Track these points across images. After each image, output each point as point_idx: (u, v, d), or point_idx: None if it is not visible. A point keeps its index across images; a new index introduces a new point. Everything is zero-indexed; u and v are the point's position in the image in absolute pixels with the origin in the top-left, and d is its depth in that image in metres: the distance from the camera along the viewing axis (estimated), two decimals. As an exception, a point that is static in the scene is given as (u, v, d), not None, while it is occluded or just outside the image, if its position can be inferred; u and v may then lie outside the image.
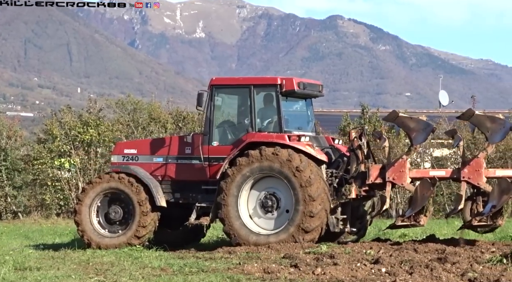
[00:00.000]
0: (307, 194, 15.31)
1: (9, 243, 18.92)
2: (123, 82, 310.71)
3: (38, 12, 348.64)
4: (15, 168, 37.77)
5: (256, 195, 15.95)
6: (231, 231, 15.85)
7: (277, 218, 15.86)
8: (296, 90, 16.15)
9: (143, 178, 16.61)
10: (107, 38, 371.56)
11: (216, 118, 16.40)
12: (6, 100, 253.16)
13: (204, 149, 16.30)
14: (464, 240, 15.36)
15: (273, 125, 16.14)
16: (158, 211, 16.64)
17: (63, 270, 12.61)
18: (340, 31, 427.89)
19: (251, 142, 15.75)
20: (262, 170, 15.62)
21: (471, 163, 15.37)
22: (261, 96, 16.28)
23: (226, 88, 16.72)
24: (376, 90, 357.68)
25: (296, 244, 15.82)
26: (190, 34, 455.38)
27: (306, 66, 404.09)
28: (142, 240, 16.58)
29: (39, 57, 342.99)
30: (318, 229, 15.54)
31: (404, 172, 15.61)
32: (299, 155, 15.48)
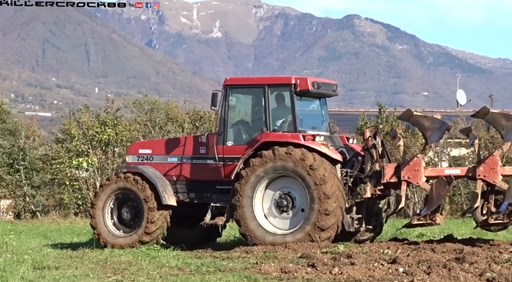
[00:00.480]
0: (322, 192, 15.22)
1: (27, 242, 19.02)
2: (140, 82, 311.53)
3: (56, 12, 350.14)
4: (33, 167, 37.98)
5: (271, 195, 15.91)
6: (247, 232, 15.84)
7: (293, 218, 15.83)
8: (311, 90, 16.12)
9: (149, 176, 16.63)
10: (124, 38, 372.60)
11: (230, 118, 16.39)
12: (24, 100, 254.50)
13: (218, 148, 16.29)
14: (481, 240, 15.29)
15: (288, 125, 16.13)
16: (167, 209, 16.64)
17: (81, 269, 12.66)
18: (357, 30, 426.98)
19: (266, 142, 15.74)
20: (276, 170, 15.60)
21: (486, 161, 15.30)
22: (275, 96, 16.26)
23: (241, 88, 16.70)
24: (393, 89, 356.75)
25: (313, 243, 15.80)
26: (206, 34, 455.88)
27: (323, 65, 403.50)
28: (153, 236, 16.55)
29: (57, 57, 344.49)
30: (334, 227, 15.50)
31: (419, 170, 15.57)
32: (312, 154, 15.45)
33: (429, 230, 19.10)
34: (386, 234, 18.61)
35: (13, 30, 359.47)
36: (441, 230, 19.38)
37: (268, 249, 15.20)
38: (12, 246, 16.86)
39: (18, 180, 37.55)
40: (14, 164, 37.91)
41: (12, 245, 17.05)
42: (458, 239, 15.97)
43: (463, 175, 16.07)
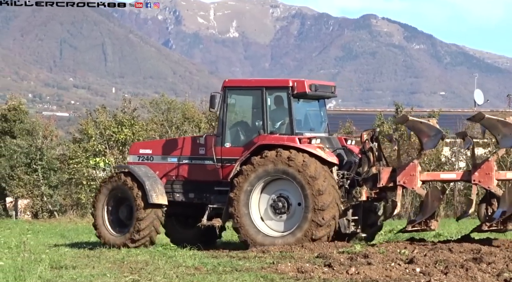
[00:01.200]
0: (315, 188, 15.33)
1: (45, 241, 19.10)
2: (157, 82, 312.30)
3: (73, 13, 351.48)
4: (51, 167, 38.15)
5: (266, 197, 16.00)
6: (242, 232, 15.90)
7: (290, 219, 15.92)
8: (308, 92, 16.19)
9: (138, 176, 16.74)
10: (141, 38, 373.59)
11: (229, 120, 16.50)
12: (42, 100, 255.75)
13: (217, 150, 16.40)
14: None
15: (285, 127, 16.20)
16: (157, 207, 16.67)
17: (98, 269, 12.70)
18: (374, 30, 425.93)
19: (262, 144, 15.83)
20: (274, 173, 15.70)
21: (482, 166, 15.29)
22: (273, 99, 16.31)
23: (239, 90, 16.81)
24: (410, 89, 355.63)
25: (330, 243, 15.80)
26: (223, 34, 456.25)
27: (340, 65, 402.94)
28: (143, 234, 16.61)
29: (74, 58, 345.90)
30: (332, 222, 15.53)
31: (414, 175, 15.59)
32: (314, 161, 15.46)
33: (447, 230, 19.02)
34: (403, 234, 18.54)
35: (31, 30, 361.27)
36: (458, 230, 19.31)
37: (285, 248, 15.20)
38: (29, 245, 16.93)
39: (35, 180, 37.72)
40: (31, 163, 38.09)
41: (30, 245, 17.13)
42: (475, 239, 15.91)
43: (458, 179, 16.18)
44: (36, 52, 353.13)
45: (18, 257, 14.04)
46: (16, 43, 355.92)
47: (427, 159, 30.77)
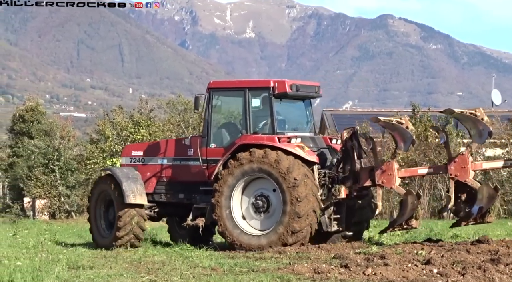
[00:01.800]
0: (294, 195, 15.38)
1: (62, 242, 19.18)
2: (173, 82, 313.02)
3: (90, 13, 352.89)
4: (68, 167, 38.33)
5: (248, 196, 16.09)
6: (227, 233, 15.97)
7: (268, 219, 15.99)
8: (289, 93, 16.25)
9: (117, 177, 16.97)
10: (158, 39, 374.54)
11: (213, 121, 16.66)
12: (59, 101, 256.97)
13: (202, 150, 16.56)
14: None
15: (268, 127, 16.28)
16: (136, 207, 16.81)
17: (115, 269, 12.74)
18: (390, 30, 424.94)
19: (242, 144, 15.95)
20: (252, 172, 15.81)
21: (456, 160, 15.34)
22: (255, 99, 16.42)
23: (223, 91, 16.97)
24: (427, 89, 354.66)
25: (346, 244, 15.76)
26: (240, 35, 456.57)
27: (356, 65, 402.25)
28: (123, 233, 16.76)
29: (92, 58, 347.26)
30: (307, 230, 15.56)
31: (392, 175, 15.65)
32: (287, 157, 15.58)
33: (464, 231, 18.95)
34: (419, 234, 18.50)
35: (48, 31, 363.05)
36: (475, 231, 19.22)
37: (301, 249, 15.20)
38: (47, 245, 17.02)
39: (53, 180, 37.92)
40: (49, 164, 38.29)
41: (48, 245, 17.22)
42: (493, 240, 15.85)
43: (435, 172, 16.57)
44: (53, 53, 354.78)
45: (36, 257, 14.11)
46: (33, 44, 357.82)
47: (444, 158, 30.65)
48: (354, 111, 55.27)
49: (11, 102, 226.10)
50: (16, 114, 47.54)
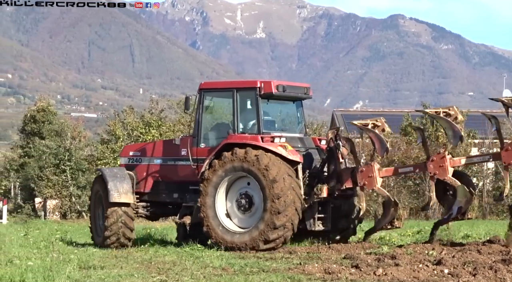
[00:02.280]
0: (273, 192, 15.49)
1: (73, 242, 19.23)
2: (184, 83, 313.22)
3: (101, 14, 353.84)
4: (79, 168, 38.41)
5: (232, 195, 16.28)
6: (211, 231, 16.12)
7: (251, 217, 16.14)
8: (274, 93, 16.38)
9: (104, 176, 17.38)
10: (168, 40, 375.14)
11: (204, 121, 16.89)
12: (70, 101, 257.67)
13: (192, 150, 16.79)
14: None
15: (256, 127, 16.42)
16: (122, 206, 17.12)
17: (126, 269, 12.76)
18: (401, 30, 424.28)
19: (227, 144, 16.12)
20: (234, 171, 15.98)
21: (435, 159, 15.36)
22: (243, 99, 16.62)
23: (213, 92, 17.19)
24: (438, 89, 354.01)
25: (357, 244, 15.75)
26: (250, 35, 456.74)
27: (367, 66, 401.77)
28: (111, 232, 17.06)
29: (102, 59, 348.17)
30: (287, 226, 15.62)
31: (373, 176, 15.72)
32: (267, 155, 15.65)
33: (475, 231, 18.90)
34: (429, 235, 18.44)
35: (59, 32, 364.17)
36: (487, 231, 19.17)
37: (312, 249, 15.20)
38: (58, 245, 17.07)
39: (64, 180, 38.01)
40: (60, 164, 38.39)
41: (59, 245, 17.26)
42: (504, 241, 15.80)
43: (415, 171, 16.85)
44: (64, 54, 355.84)
45: (47, 257, 14.15)
46: (45, 45, 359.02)
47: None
48: (365, 111, 55.23)
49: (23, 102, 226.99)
50: (28, 115, 47.70)
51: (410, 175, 31.26)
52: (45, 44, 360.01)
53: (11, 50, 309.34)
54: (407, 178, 31.54)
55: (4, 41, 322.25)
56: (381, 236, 17.96)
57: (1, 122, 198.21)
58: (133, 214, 17.29)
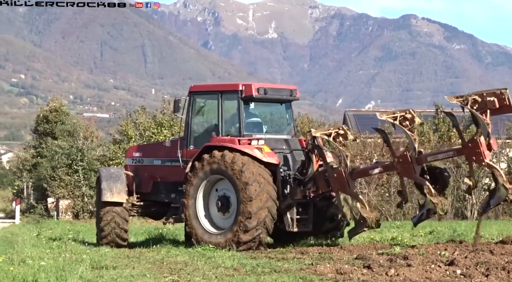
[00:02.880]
0: (245, 194, 15.72)
1: (86, 242, 19.28)
2: (196, 83, 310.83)
3: (113, 14, 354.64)
4: (91, 168, 38.49)
5: (213, 196, 16.60)
6: (192, 232, 16.50)
7: (229, 218, 16.36)
8: (255, 96, 16.59)
9: (99, 176, 18.10)
10: (180, 40, 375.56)
11: (193, 123, 17.28)
12: (83, 101, 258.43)
13: (182, 152, 17.20)
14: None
15: (238, 129, 16.66)
16: (114, 205, 17.63)
17: (138, 269, 12.78)
18: (413, 30, 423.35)
19: (207, 146, 16.42)
20: (212, 173, 16.27)
21: (400, 159, 15.37)
22: (227, 102, 16.93)
23: (202, 94, 17.55)
24: (450, 89, 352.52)
25: (368, 244, 15.72)
26: (262, 35, 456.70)
27: (379, 66, 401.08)
28: (106, 231, 17.65)
29: (115, 59, 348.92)
30: (259, 229, 15.79)
31: (344, 182, 15.74)
32: (242, 158, 15.86)
33: (487, 232, 18.84)
34: (443, 235, 18.42)
35: (72, 32, 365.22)
36: (499, 232, 19.11)
37: (324, 250, 15.19)
38: (71, 245, 17.12)
39: (76, 181, 38.10)
40: (72, 164, 38.48)
41: (71, 245, 17.32)
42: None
43: (384, 171, 16.68)
44: (77, 54, 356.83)
45: (60, 257, 14.19)
46: (57, 45, 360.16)
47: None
48: (377, 111, 55.10)
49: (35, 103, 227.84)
50: (40, 115, 47.85)
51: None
52: (57, 45, 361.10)
53: (24, 51, 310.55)
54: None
55: (17, 41, 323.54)
56: (393, 237, 17.93)
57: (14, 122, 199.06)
58: (126, 214, 17.77)
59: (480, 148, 14.64)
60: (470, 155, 14.94)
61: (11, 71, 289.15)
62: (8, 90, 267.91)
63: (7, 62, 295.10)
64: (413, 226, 16.47)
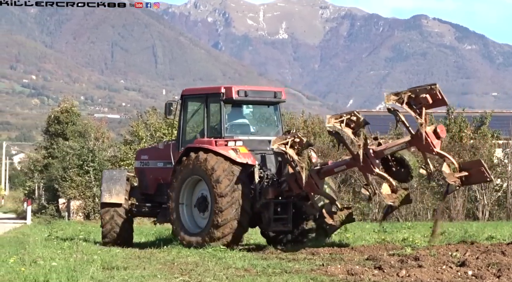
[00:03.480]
0: (217, 192, 16.10)
1: (97, 242, 19.33)
2: (206, 84, 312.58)
3: (124, 15, 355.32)
4: (102, 168, 38.52)
5: (194, 197, 17.08)
6: (176, 231, 17.04)
7: (207, 217, 16.69)
8: (235, 98, 16.95)
9: (102, 178, 18.92)
10: (191, 41, 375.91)
11: (184, 125, 17.79)
12: (94, 102, 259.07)
13: (174, 154, 17.72)
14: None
15: (219, 131, 17.01)
16: (113, 206, 18.39)
17: (149, 270, 12.80)
18: (424, 30, 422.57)
19: (187, 149, 16.85)
20: (189, 174, 16.74)
21: (359, 158, 15.51)
22: (212, 105, 17.39)
23: (192, 98, 18.01)
24: (461, 90, 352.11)
25: (379, 245, 15.70)
26: (273, 36, 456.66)
27: (390, 66, 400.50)
28: (105, 230, 18.51)
29: (126, 60, 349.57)
30: (230, 225, 16.10)
31: (312, 182, 15.87)
32: (215, 158, 16.24)
33: (499, 233, 18.77)
34: (454, 236, 18.37)
35: (83, 33, 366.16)
36: (511, 233, 19.04)
37: (334, 250, 15.17)
38: (82, 246, 17.16)
39: (87, 181, 38.16)
40: (83, 165, 38.55)
41: (82, 245, 17.35)
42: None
43: (348, 168, 16.94)
44: (88, 55, 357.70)
45: (71, 258, 14.22)
46: (68, 46, 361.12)
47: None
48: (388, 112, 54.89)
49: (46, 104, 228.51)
50: (51, 116, 47.97)
51: (434, 175, 31.13)
52: (68, 46, 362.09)
53: (35, 52, 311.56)
54: (431, 179, 31.35)
55: (28, 42, 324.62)
56: (404, 237, 17.89)
57: (25, 123, 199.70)
58: (126, 214, 18.41)
59: (427, 138, 15.01)
60: (420, 145, 15.35)
61: (23, 72, 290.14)
62: (19, 91, 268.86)
63: (18, 63, 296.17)
64: (380, 223, 16.65)
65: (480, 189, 30.16)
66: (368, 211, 30.39)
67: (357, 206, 30.75)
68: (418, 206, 30.28)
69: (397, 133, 36.10)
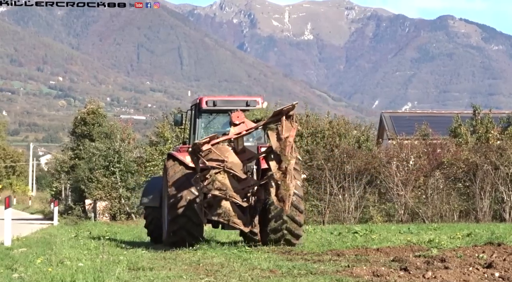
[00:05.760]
0: (168, 192, 17.08)
1: (123, 243, 19.41)
2: (232, 85, 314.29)
3: (150, 17, 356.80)
4: (128, 170, 38.70)
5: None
6: (163, 233, 18.08)
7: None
8: (204, 108, 18.03)
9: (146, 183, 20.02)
10: (216, 42, 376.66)
11: (189, 133, 18.93)
12: (120, 103, 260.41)
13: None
14: None
15: (194, 139, 17.95)
16: (154, 208, 19.31)
17: (175, 271, 12.82)
18: (451, 31, 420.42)
19: (168, 154, 18.09)
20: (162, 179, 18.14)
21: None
22: (192, 114, 18.68)
23: (190, 108, 19.07)
24: (488, 91, 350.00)
25: (405, 246, 15.63)
26: (298, 37, 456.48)
27: (416, 67, 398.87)
28: (148, 230, 19.83)
29: (151, 62, 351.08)
30: (179, 221, 16.87)
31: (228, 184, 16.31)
32: (171, 162, 17.26)
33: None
34: (480, 237, 18.25)
35: (109, 35, 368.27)
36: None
37: (360, 252, 15.13)
38: (108, 247, 17.24)
39: (113, 182, 38.32)
40: (110, 166, 38.72)
41: (108, 246, 17.43)
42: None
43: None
44: (114, 57, 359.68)
45: (97, 259, 14.29)
46: (94, 48, 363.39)
47: (506, 160, 30.20)
48: (414, 113, 54.74)
49: (73, 105, 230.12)
50: (78, 117, 48.24)
51: (459, 177, 30.97)
52: (95, 47, 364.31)
53: (62, 54, 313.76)
54: (457, 180, 31.22)
55: (55, 44, 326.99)
56: (430, 239, 17.81)
57: (52, 124, 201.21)
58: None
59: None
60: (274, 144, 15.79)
61: (50, 74, 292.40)
62: (46, 93, 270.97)
63: (45, 65, 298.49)
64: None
65: (507, 190, 29.96)
66: (394, 212, 30.27)
67: (383, 207, 30.67)
68: (444, 207, 30.13)
69: (422, 134, 35.96)
